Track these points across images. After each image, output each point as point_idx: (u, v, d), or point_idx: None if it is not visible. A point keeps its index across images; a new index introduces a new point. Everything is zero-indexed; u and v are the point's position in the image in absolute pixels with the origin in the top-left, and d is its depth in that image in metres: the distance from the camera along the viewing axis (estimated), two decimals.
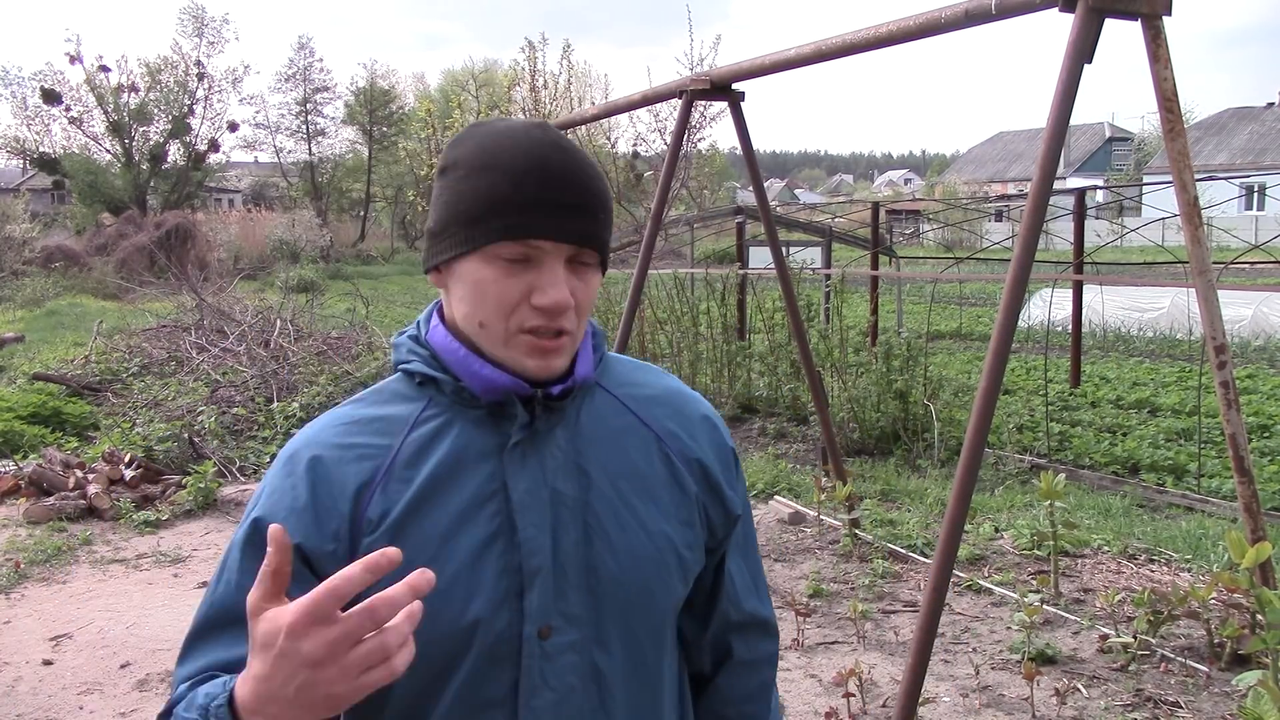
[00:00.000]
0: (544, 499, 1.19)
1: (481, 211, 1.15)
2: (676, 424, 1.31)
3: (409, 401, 1.24)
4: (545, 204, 1.14)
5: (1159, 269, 17.87)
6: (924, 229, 32.72)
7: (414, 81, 52.07)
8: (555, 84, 10.29)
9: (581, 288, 1.19)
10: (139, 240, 26.66)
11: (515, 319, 1.16)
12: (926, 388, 8.24)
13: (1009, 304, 3.20)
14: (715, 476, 1.30)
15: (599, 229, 1.19)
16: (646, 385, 1.33)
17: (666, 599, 1.25)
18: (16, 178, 44.54)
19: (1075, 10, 3.16)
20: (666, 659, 1.29)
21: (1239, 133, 44.71)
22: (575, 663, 1.19)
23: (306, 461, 1.19)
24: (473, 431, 1.21)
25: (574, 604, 1.19)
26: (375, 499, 1.17)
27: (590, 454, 1.24)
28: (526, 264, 1.16)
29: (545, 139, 1.18)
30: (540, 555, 1.17)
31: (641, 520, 1.23)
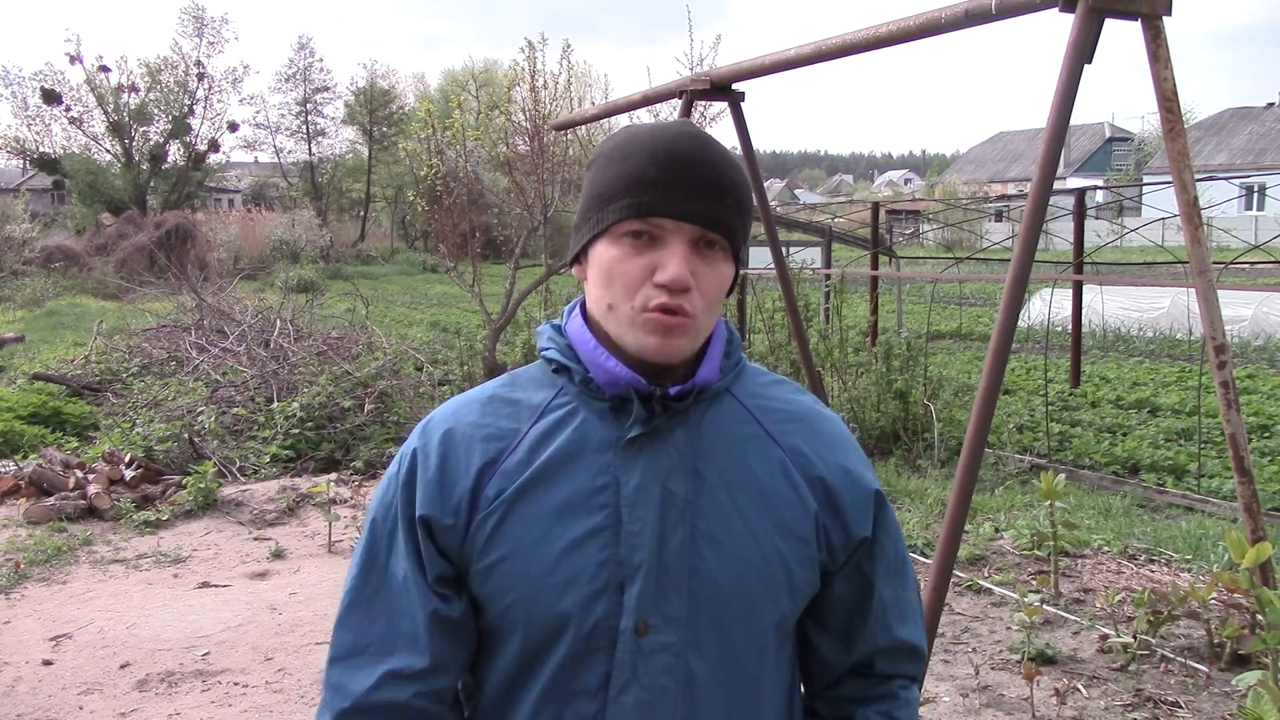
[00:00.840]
0: (654, 496, 1.19)
1: (610, 195, 1.20)
2: (804, 441, 1.28)
3: (542, 388, 1.27)
4: (667, 184, 1.17)
5: (1159, 269, 17.87)
6: (924, 229, 32.73)
7: (414, 81, 52.06)
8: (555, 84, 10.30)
9: (707, 272, 1.19)
10: (139, 240, 26.67)
11: (640, 297, 1.17)
12: (926, 388, 8.24)
13: (1009, 304, 3.20)
14: (838, 493, 1.27)
15: (726, 213, 1.19)
16: (780, 400, 1.32)
17: (770, 611, 1.23)
18: (16, 178, 44.55)
19: (1075, 10, 3.16)
20: (769, 673, 1.26)
21: (1239, 133, 44.71)
22: (670, 664, 1.18)
23: (440, 435, 1.24)
24: (595, 423, 1.22)
25: (674, 605, 1.19)
26: (495, 479, 1.21)
27: (708, 458, 1.23)
28: (651, 243, 1.18)
29: (682, 130, 1.22)
30: (644, 550, 1.18)
31: (752, 529, 1.22)
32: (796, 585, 1.24)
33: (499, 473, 1.21)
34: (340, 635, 1.24)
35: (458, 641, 1.23)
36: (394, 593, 1.22)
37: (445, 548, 1.21)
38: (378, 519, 1.25)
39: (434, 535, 1.21)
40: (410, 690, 1.20)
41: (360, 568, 1.25)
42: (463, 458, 1.22)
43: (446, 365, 10.86)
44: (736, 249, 1.23)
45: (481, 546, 1.20)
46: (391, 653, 1.20)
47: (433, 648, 1.20)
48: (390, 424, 8.40)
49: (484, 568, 1.20)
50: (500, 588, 1.19)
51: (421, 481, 1.22)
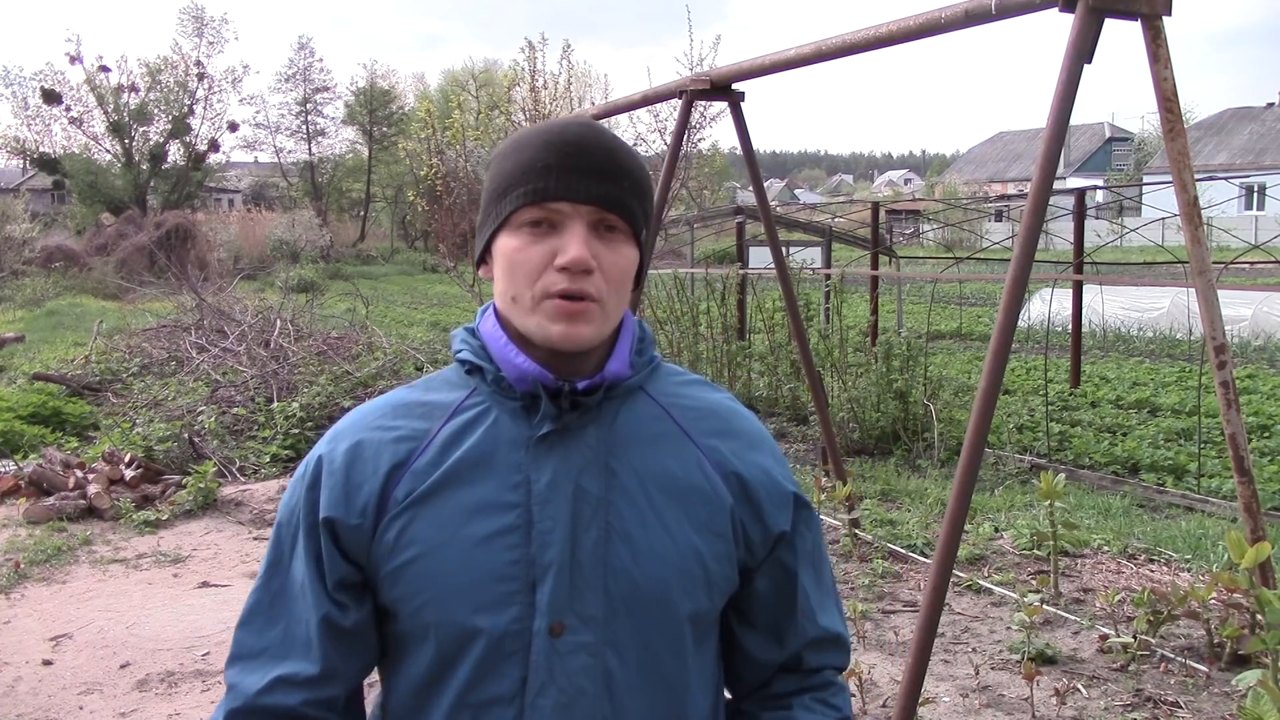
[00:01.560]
0: (566, 494, 1.18)
1: (505, 186, 1.20)
2: (720, 439, 1.28)
3: (455, 389, 1.26)
4: (562, 168, 1.17)
5: (1159, 269, 17.87)
6: (924, 229, 32.72)
7: (414, 81, 52.13)
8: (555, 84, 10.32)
9: (608, 254, 1.18)
10: (139, 240, 26.69)
11: (541, 284, 1.17)
12: (926, 388, 8.24)
13: (1009, 304, 3.20)
14: (754, 489, 1.26)
15: (623, 194, 1.19)
16: (696, 398, 1.31)
17: (687, 607, 1.22)
18: (16, 178, 44.55)
19: (1075, 10, 3.16)
20: (689, 670, 1.24)
21: (1239, 133, 44.71)
22: (588, 664, 1.17)
23: (348, 440, 1.23)
24: (508, 421, 1.21)
25: (590, 604, 1.17)
26: (405, 479, 1.19)
27: (622, 455, 1.22)
28: (550, 229, 1.17)
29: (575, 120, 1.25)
30: (555, 549, 1.16)
31: (667, 525, 1.21)
32: (714, 581, 1.23)
33: (409, 473, 1.19)
34: (240, 636, 1.24)
35: (352, 651, 1.22)
36: (292, 597, 1.21)
37: (350, 550, 1.19)
38: (282, 523, 1.24)
39: (338, 538, 1.19)
40: (299, 697, 1.19)
41: (264, 571, 1.24)
42: (370, 460, 1.20)
43: (446, 365, 10.86)
44: (638, 232, 1.22)
45: (390, 548, 1.18)
46: (285, 658, 1.20)
47: (324, 655, 1.19)
48: None
49: (392, 570, 1.18)
50: (410, 590, 1.17)
51: (326, 485, 1.20)
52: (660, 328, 10.77)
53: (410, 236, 44.05)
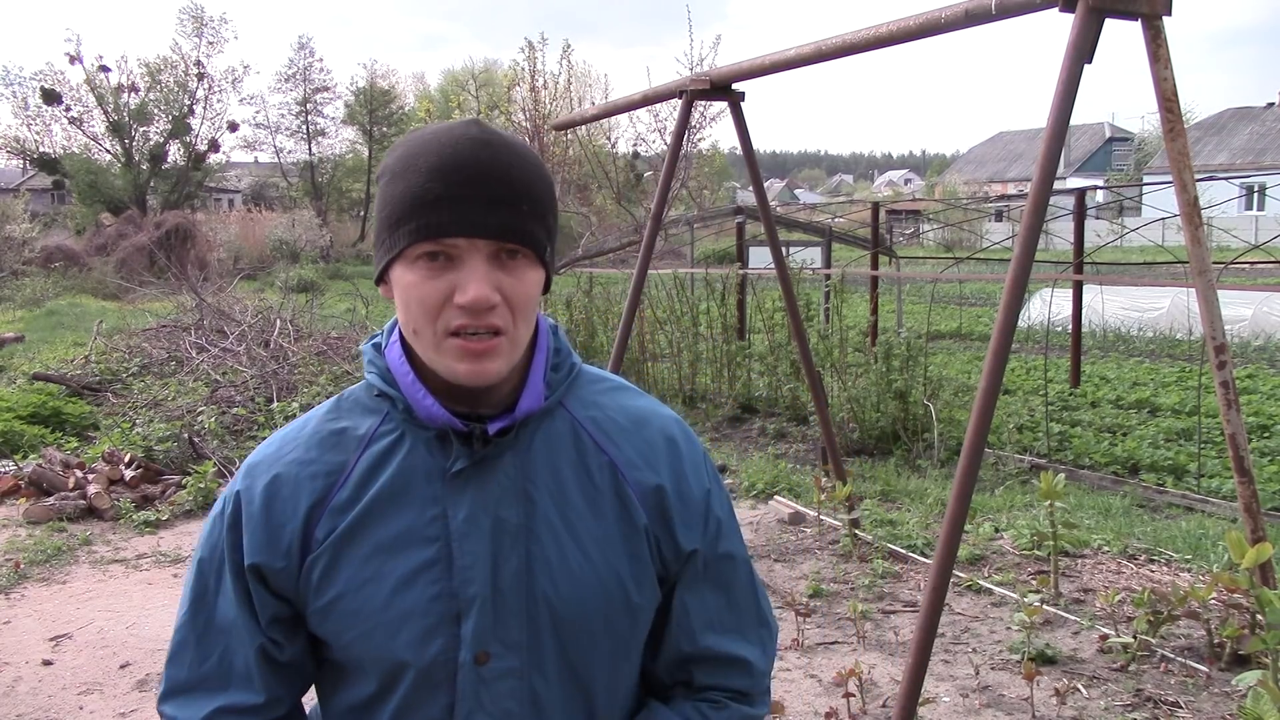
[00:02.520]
0: (484, 527, 1.17)
1: (399, 215, 1.13)
2: (636, 451, 1.26)
3: (368, 414, 1.23)
4: (456, 200, 1.10)
5: (1159, 269, 17.86)
6: (924, 229, 32.72)
7: (414, 81, 52.15)
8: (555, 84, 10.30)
9: (512, 283, 1.13)
10: (139, 240, 26.68)
11: (442, 321, 1.12)
12: (926, 388, 8.24)
13: (1009, 304, 3.20)
14: (669, 506, 1.25)
15: (523, 221, 1.13)
16: (613, 409, 1.28)
17: (610, 629, 1.22)
18: (16, 178, 44.53)
19: (1075, 10, 3.16)
20: (611, 690, 1.25)
21: (1239, 133, 44.71)
22: (514, 688, 1.18)
23: (265, 477, 1.20)
24: (422, 452, 1.19)
25: (513, 630, 1.18)
26: (325, 518, 1.18)
27: (539, 480, 1.21)
28: (448, 263, 1.12)
29: (467, 135, 1.14)
30: (477, 584, 1.16)
31: (585, 549, 1.20)
32: (634, 603, 1.23)
33: (328, 511, 1.18)
34: (172, 672, 1.23)
35: (290, 678, 1.24)
36: (222, 630, 1.21)
37: (279, 590, 1.20)
38: (204, 558, 1.23)
39: (265, 580, 1.19)
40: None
41: (189, 606, 1.23)
42: (289, 499, 1.18)
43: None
44: (542, 252, 1.16)
45: (315, 587, 1.18)
46: (224, 689, 1.20)
47: (265, 683, 1.21)
48: None
49: (319, 608, 1.18)
50: (337, 628, 1.18)
51: (247, 527, 1.19)
52: (660, 327, 10.77)
53: None
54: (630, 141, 24.73)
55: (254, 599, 1.20)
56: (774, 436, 8.98)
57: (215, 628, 1.21)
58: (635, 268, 5.64)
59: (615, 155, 24.40)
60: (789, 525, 6.35)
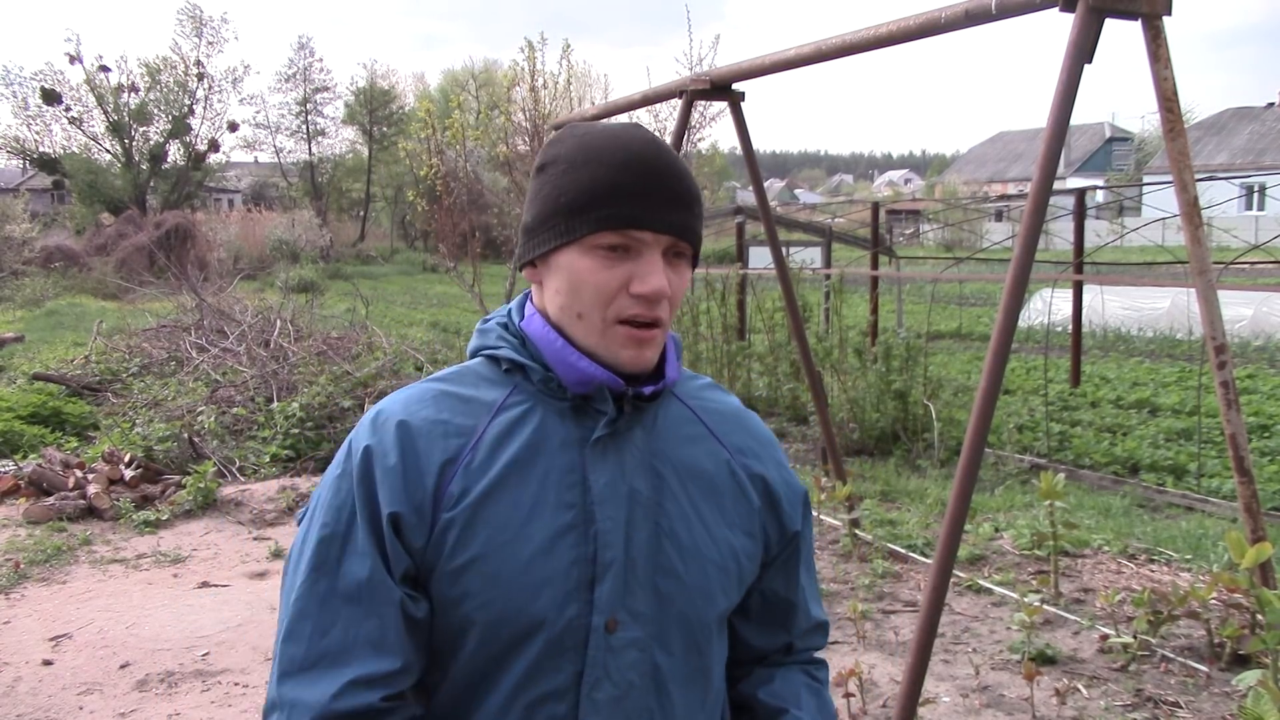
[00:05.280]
0: (622, 494, 1.21)
1: (583, 203, 1.18)
2: (744, 440, 1.35)
3: (494, 386, 1.25)
4: (646, 196, 1.18)
5: (1159, 269, 17.85)
6: (924, 229, 32.72)
7: (414, 81, 52.10)
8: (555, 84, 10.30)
9: (676, 279, 1.22)
10: (139, 240, 26.67)
11: (614, 308, 1.19)
12: (926, 388, 8.24)
13: (1009, 304, 3.20)
14: (776, 492, 1.35)
15: (695, 222, 1.23)
16: (716, 401, 1.38)
17: (724, 604, 1.29)
18: (16, 178, 44.53)
19: (1075, 10, 3.16)
20: (716, 661, 1.32)
21: (1239, 133, 44.70)
22: (637, 659, 1.21)
23: (396, 426, 1.19)
24: (555, 421, 1.22)
25: (640, 601, 1.21)
26: (458, 477, 1.18)
27: (664, 456, 1.26)
28: (626, 254, 1.19)
29: (642, 136, 1.23)
30: (614, 548, 1.19)
31: (708, 525, 1.27)
32: (745, 578, 1.32)
33: (460, 470, 1.18)
34: (289, 650, 1.16)
35: (421, 642, 1.19)
36: (352, 597, 1.15)
37: (410, 546, 1.17)
38: (327, 523, 1.18)
39: (400, 533, 1.16)
40: (378, 694, 1.14)
41: (308, 575, 1.17)
42: (423, 453, 1.18)
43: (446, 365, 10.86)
44: (698, 253, 1.26)
45: (451, 547, 1.16)
46: (351, 659, 1.14)
47: (402, 648, 1.16)
48: None
49: (454, 569, 1.16)
50: (471, 589, 1.16)
51: (383, 479, 1.17)
52: None
53: (410, 236, 44.04)
54: None
55: (389, 552, 1.16)
56: (774, 436, 8.97)
57: (339, 594, 1.15)
58: None
59: None
60: None
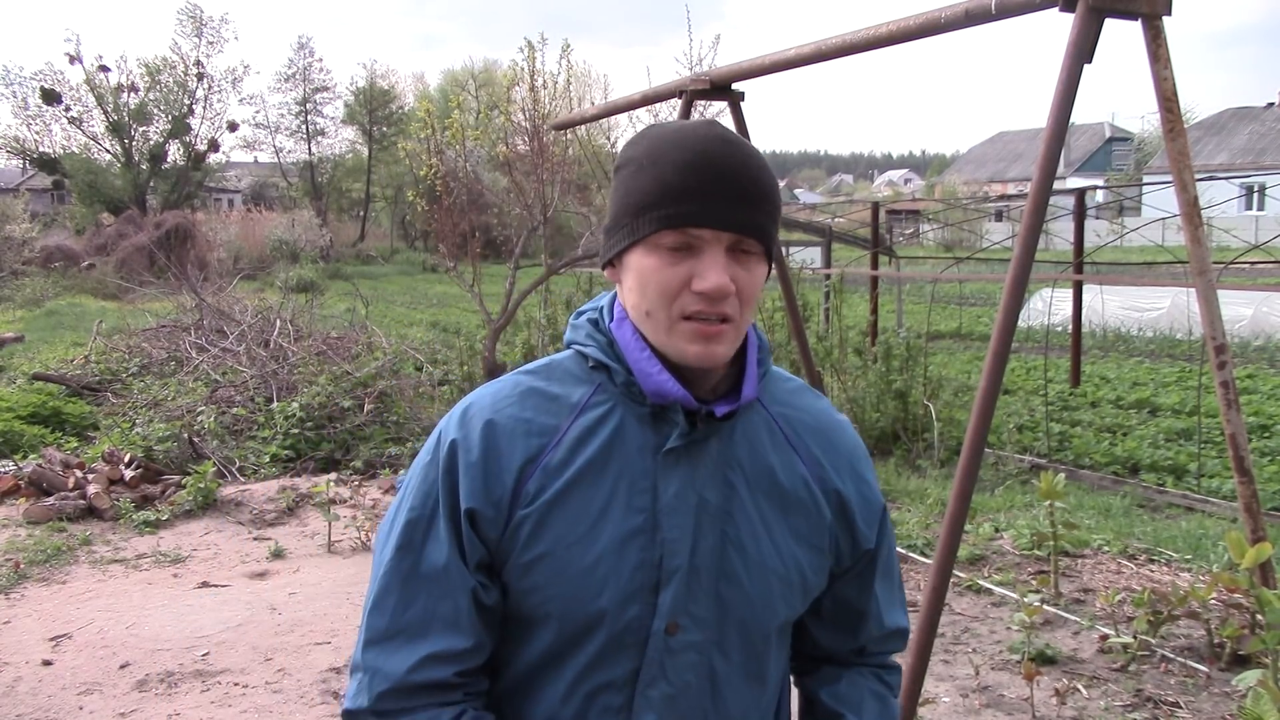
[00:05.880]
0: (690, 504, 1.24)
1: (645, 204, 1.21)
2: (823, 453, 1.35)
3: (580, 383, 1.29)
4: (704, 194, 1.18)
5: (1159, 269, 17.86)
6: (924, 229, 32.72)
7: (414, 81, 52.07)
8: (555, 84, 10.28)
9: (744, 276, 1.21)
10: (139, 240, 26.66)
11: (678, 305, 1.20)
12: (926, 388, 8.24)
13: (1009, 304, 3.20)
14: (851, 509, 1.35)
15: (760, 218, 1.21)
16: (803, 410, 1.37)
17: (786, 614, 1.32)
18: (16, 178, 44.52)
19: (1075, 10, 3.16)
20: (775, 667, 1.36)
21: (1239, 133, 44.69)
22: (695, 661, 1.25)
23: (481, 426, 1.25)
24: (634, 426, 1.25)
25: (702, 606, 1.24)
26: (536, 475, 1.23)
27: (738, 467, 1.28)
28: (688, 252, 1.20)
29: (710, 134, 1.23)
30: (680, 556, 1.23)
31: (775, 537, 1.29)
32: (809, 590, 1.34)
33: (540, 468, 1.23)
34: (374, 620, 1.24)
35: (492, 625, 1.26)
36: (432, 578, 1.23)
37: (486, 538, 1.24)
38: (414, 505, 1.26)
39: (476, 526, 1.23)
40: (451, 670, 1.22)
41: (395, 553, 1.25)
42: (505, 451, 1.23)
43: (446, 365, 10.86)
44: (770, 249, 1.25)
45: (523, 542, 1.23)
46: (428, 634, 1.22)
47: (474, 629, 1.24)
48: (390, 424, 8.39)
49: (525, 562, 1.23)
50: (539, 583, 1.22)
51: (465, 473, 1.23)
52: None
53: (410, 236, 44.02)
54: None
55: (465, 542, 1.23)
56: None
57: (421, 574, 1.23)
58: None
59: (615, 155, 24.40)
60: None
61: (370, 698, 1.22)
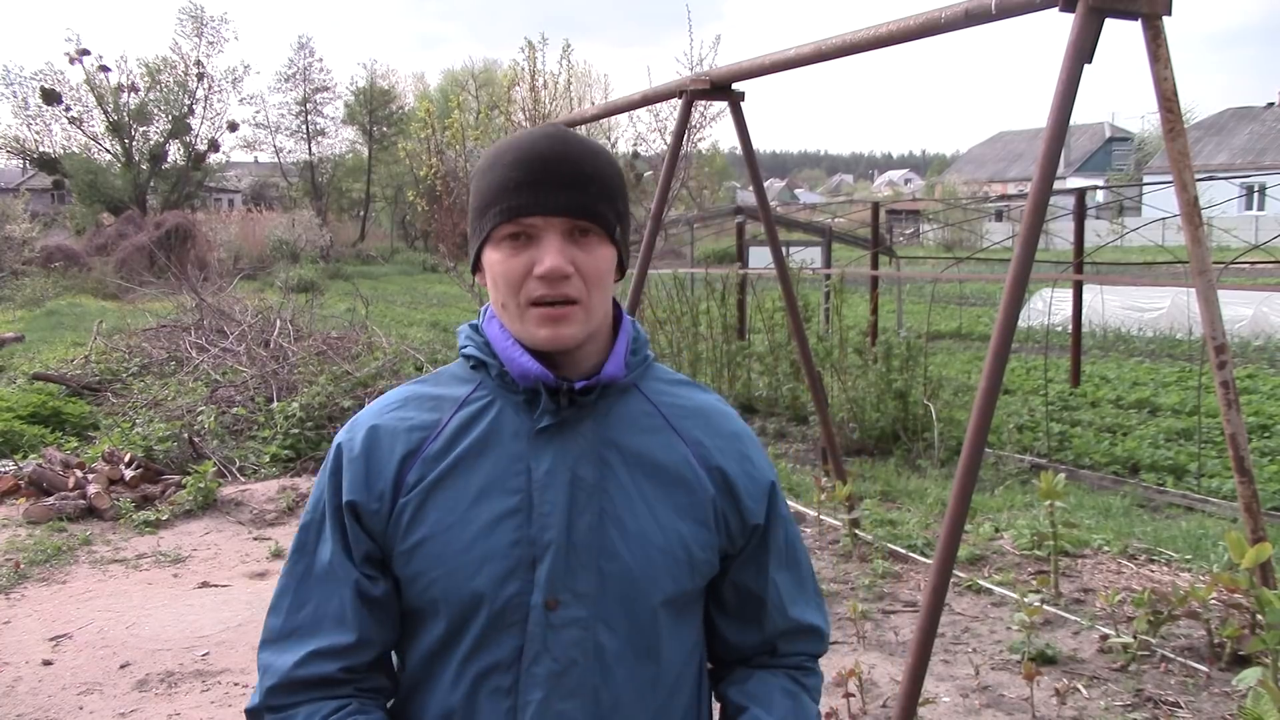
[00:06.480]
0: (563, 480, 1.29)
1: (485, 204, 1.29)
2: (704, 434, 1.38)
3: (463, 383, 1.38)
4: (533, 184, 1.25)
5: (1159, 269, 17.83)
6: (924, 229, 32.72)
7: (414, 81, 52.07)
8: (555, 84, 10.30)
9: (584, 257, 1.27)
10: (139, 240, 26.65)
11: (524, 293, 1.27)
12: (926, 388, 8.24)
13: (1009, 304, 3.20)
14: (735, 483, 1.37)
15: (592, 201, 1.27)
16: (685, 398, 1.41)
17: (673, 589, 1.32)
18: (16, 178, 44.50)
19: (1075, 10, 3.16)
20: (672, 645, 1.35)
21: (1239, 133, 44.69)
22: (580, 637, 1.28)
23: (367, 429, 1.34)
24: (511, 413, 1.32)
25: (583, 582, 1.28)
26: (416, 465, 1.31)
27: (614, 446, 1.33)
28: (528, 241, 1.27)
29: (544, 134, 1.31)
30: (553, 531, 1.27)
31: (654, 512, 1.32)
32: (696, 564, 1.34)
33: (420, 460, 1.31)
34: (270, 622, 1.33)
35: (382, 619, 1.32)
36: (320, 576, 1.31)
37: (371, 530, 1.31)
38: (308, 511, 1.35)
39: (360, 518, 1.30)
40: (335, 665, 1.28)
41: (291, 557, 1.35)
42: (387, 447, 1.31)
43: (446, 364, 10.86)
44: (612, 230, 1.30)
45: (404, 529, 1.29)
46: (317, 633, 1.29)
47: (358, 624, 1.29)
48: None
49: (406, 549, 1.29)
50: (421, 568, 1.28)
51: (347, 471, 1.31)
52: (660, 328, 10.77)
53: (410, 236, 44.02)
54: (630, 141, 24.76)
55: (349, 536, 1.30)
56: (774, 436, 8.98)
57: (313, 575, 1.32)
58: (635, 268, 5.64)
59: (615, 155, 24.41)
60: None
61: (261, 694, 1.29)
